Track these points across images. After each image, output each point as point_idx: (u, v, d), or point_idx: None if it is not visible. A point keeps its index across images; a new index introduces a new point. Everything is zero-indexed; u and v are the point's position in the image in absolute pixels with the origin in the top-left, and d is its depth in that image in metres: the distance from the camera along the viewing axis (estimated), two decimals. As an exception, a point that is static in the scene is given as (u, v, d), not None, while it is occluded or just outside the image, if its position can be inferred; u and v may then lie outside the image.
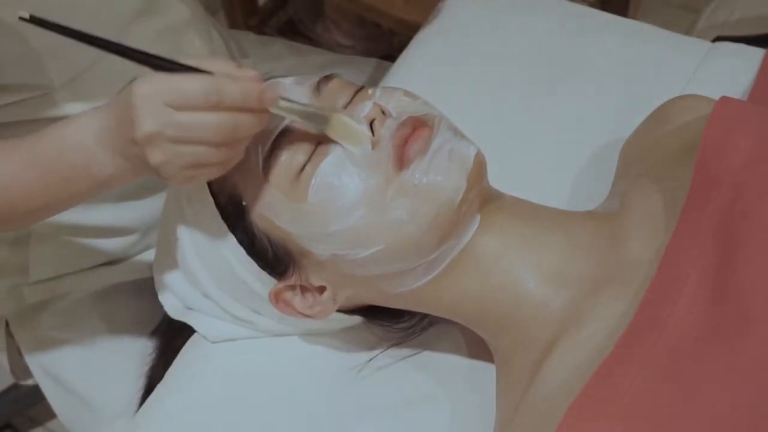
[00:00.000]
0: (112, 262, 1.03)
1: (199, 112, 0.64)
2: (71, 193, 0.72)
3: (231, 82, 0.65)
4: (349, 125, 0.71)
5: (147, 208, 1.00)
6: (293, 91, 0.75)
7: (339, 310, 0.78)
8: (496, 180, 0.77)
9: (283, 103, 0.69)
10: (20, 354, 1.05)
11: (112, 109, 0.68)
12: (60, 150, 0.70)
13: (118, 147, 0.68)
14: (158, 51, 0.67)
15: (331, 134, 0.71)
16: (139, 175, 0.70)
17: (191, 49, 0.98)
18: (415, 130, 0.72)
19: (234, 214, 0.75)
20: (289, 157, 0.72)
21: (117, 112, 0.67)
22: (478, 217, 0.73)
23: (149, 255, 1.01)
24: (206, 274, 0.80)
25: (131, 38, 0.88)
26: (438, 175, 0.70)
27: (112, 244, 1.00)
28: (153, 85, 0.64)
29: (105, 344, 1.04)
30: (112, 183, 0.71)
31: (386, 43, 1.73)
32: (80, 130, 0.69)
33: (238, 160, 0.70)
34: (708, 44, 1.05)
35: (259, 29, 1.76)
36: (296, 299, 0.77)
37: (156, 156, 0.65)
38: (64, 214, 0.93)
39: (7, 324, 1.03)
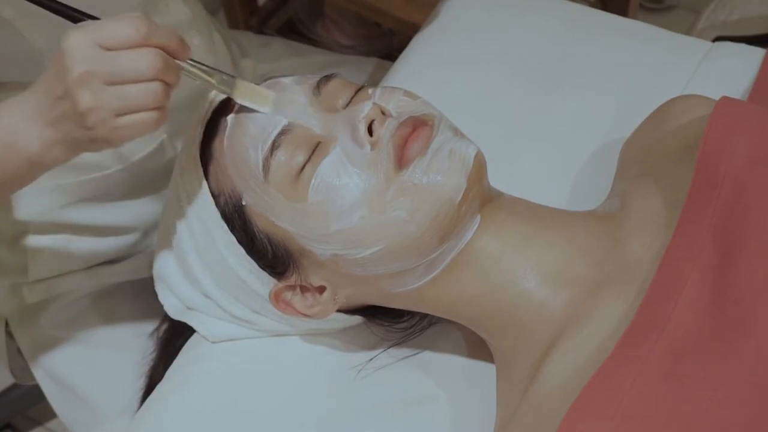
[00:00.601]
0: (112, 261, 1.03)
1: (131, 50, 0.65)
2: (5, 173, 0.71)
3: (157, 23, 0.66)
4: (254, 87, 0.73)
5: (146, 208, 1.00)
6: (293, 91, 0.75)
7: (339, 310, 0.78)
8: (496, 180, 0.77)
9: (187, 65, 0.70)
10: (20, 354, 1.05)
11: (40, 79, 0.68)
12: None
13: (46, 113, 0.67)
14: None
15: (238, 97, 0.73)
16: (67, 146, 0.69)
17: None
18: (415, 130, 0.72)
19: (234, 214, 0.75)
20: (289, 157, 0.72)
21: (45, 76, 0.67)
22: (479, 217, 0.73)
23: (149, 255, 1.01)
24: (206, 273, 0.80)
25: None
26: (438, 174, 0.70)
27: (111, 244, 1.00)
28: (84, 29, 0.65)
29: (105, 344, 1.04)
30: (42, 160, 0.70)
31: (386, 43, 1.73)
32: (8, 111, 0.69)
33: (165, 119, 0.68)
34: (708, 44, 1.05)
35: (259, 29, 1.76)
36: (296, 299, 0.77)
37: (86, 99, 0.64)
38: (62, 212, 0.94)
39: (6, 324, 1.03)
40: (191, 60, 0.70)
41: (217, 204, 0.76)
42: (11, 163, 0.70)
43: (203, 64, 0.72)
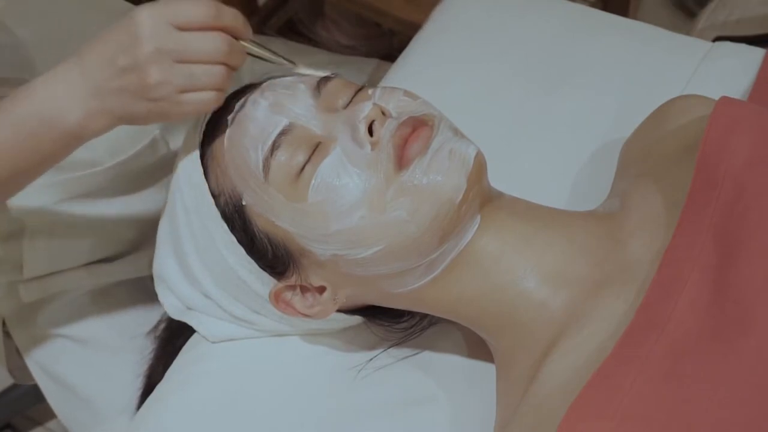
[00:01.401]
0: (109, 259, 1.02)
1: (200, 32, 0.69)
2: (41, 150, 0.72)
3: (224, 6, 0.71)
4: (310, 68, 0.78)
5: (140, 204, 1.00)
6: (293, 91, 0.75)
7: (339, 310, 0.78)
8: (496, 180, 0.77)
9: (250, 44, 0.75)
10: (18, 354, 1.05)
11: (86, 50, 0.70)
12: (29, 105, 0.71)
13: (99, 83, 0.69)
14: None
15: (301, 69, 0.78)
16: (110, 119, 0.71)
17: None
18: (415, 130, 0.72)
19: (234, 214, 0.75)
20: (289, 158, 0.72)
21: (101, 47, 0.70)
22: (479, 217, 0.73)
23: (147, 253, 1.01)
24: (206, 273, 0.80)
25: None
26: (438, 174, 0.70)
27: (106, 240, 1.00)
28: (156, 7, 0.69)
29: (104, 343, 1.04)
30: (82, 132, 0.72)
31: (386, 43, 1.73)
32: (50, 82, 0.71)
33: (222, 101, 0.72)
34: (708, 44, 1.05)
35: (259, 29, 1.76)
36: (296, 299, 0.77)
37: (155, 74, 0.68)
38: (56, 209, 0.94)
39: (3, 323, 1.03)
40: (253, 40, 0.74)
41: (217, 204, 0.76)
42: (47, 138, 0.71)
43: (263, 46, 0.76)
